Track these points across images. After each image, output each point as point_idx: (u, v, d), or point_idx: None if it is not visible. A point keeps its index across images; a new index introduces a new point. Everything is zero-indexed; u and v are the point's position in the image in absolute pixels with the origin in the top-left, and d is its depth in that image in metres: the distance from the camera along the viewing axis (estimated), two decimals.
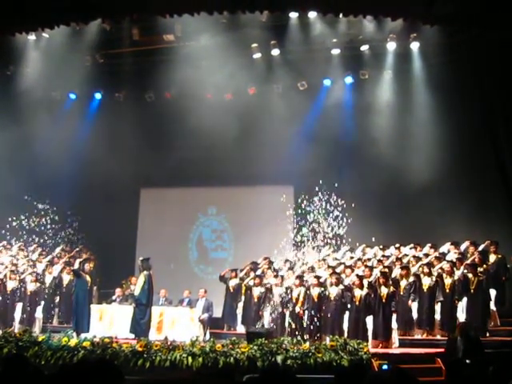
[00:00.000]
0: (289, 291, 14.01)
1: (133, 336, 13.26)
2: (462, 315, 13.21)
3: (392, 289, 13.04)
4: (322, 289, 13.57)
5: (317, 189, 15.45)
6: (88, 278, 14.54)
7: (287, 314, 13.87)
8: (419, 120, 16.17)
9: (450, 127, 15.51)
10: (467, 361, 7.81)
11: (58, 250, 17.40)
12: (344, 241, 15.51)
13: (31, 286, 15.63)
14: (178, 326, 14.45)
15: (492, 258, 14.19)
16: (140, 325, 13.47)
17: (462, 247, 14.55)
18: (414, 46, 15.91)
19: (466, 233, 14.66)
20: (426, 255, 14.42)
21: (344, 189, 15.65)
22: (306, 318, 13.66)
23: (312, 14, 14.55)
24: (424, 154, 15.52)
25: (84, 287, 14.33)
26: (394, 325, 12.99)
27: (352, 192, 15.68)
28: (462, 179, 15.57)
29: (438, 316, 13.54)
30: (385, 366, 10.02)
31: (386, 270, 13.64)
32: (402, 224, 15.87)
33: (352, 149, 16.50)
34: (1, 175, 16.38)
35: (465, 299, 13.28)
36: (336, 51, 16.31)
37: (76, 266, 14.98)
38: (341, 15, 13.25)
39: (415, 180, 15.33)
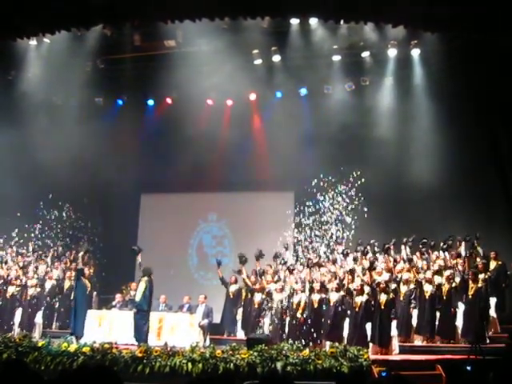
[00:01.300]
0: (287, 298, 14.01)
1: (135, 341, 13.21)
2: (460, 322, 13.21)
3: (392, 295, 13.04)
4: (323, 295, 13.57)
5: (317, 195, 15.45)
6: (87, 283, 14.54)
7: (287, 320, 13.87)
8: (420, 126, 16.18)
9: (450, 133, 15.51)
10: (468, 368, 7.79)
11: (60, 250, 17.48)
12: (345, 245, 15.50)
13: (31, 291, 15.63)
14: (178, 331, 14.41)
15: (492, 264, 14.18)
16: (143, 331, 13.42)
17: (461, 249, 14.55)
18: (415, 52, 15.93)
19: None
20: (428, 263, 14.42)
21: (345, 194, 15.63)
22: (306, 323, 13.68)
23: (313, 21, 14.57)
24: (425, 160, 15.52)
25: (83, 290, 14.34)
26: (395, 331, 12.98)
27: (353, 198, 15.66)
28: (463, 185, 15.57)
29: (438, 322, 13.50)
30: (384, 373, 10.00)
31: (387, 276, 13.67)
32: (404, 229, 15.82)
33: (353, 155, 16.49)
34: (1, 178, 16.40)
35: (463, 306, 13.27)
36: (337, 57, 16.32)
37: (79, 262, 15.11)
38: (342, 22, 13.26)
39: (416, 185, 15.35)
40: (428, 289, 13.52)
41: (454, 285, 13.38)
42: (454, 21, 10.98)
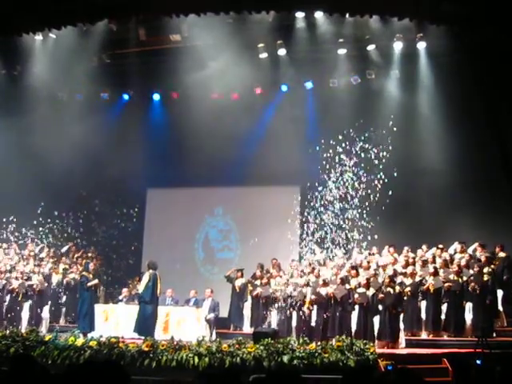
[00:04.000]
0: (295, 292, 14.03)
1: (136, 335, 13.25)
2: (468, 316, 13.19)
3: (398, 289, 13.03)
4: (329, 289, 13.58)
5: (323, 189, 15.42)
6: (91, 277, 14.54)
7: (294, 314, 13.91)
8: (426, 120, 16.12)
9: (457, 128, 15.45)
10: (478, 362, 7.77)
11: (65, 248, 17.53)
12: (352, 241, 15.49)
13: (39, 284, 15.67)
14: (185, 325, 14.46)
15: (498, 258, 14.16)
16: (147, 324, 13.46)
17: (470, 249, 14.50)
18: (421, 45, 15.85)
19: (473, 234, 14.60)
20: (434, 257, 14.41)
21: (351, 189, 15.60)
22: (313, 318, 13.73)
23: (318, 14, 14.51)
24: (432, 153, 15.48)
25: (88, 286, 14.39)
26: (401, 325, 12.97)
27: (360, 193, 15.63)
28: (470, 180, 15.47)
29: (444, 317, 13.46)
30: (390, 367, 10.01)
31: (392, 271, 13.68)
32: (410, 225, 15.78)
33: (358, 149, 16.43)
34: (8, 175, 16.45)
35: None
36: (342, 51, 16.27)
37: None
38: (347, 15, 13.22)
39: (423, 184, 15.32)
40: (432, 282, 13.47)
41: (464, 278, 13.33)
42: (461, 14, 10.95)
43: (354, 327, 13.15)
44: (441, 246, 14.81)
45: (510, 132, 15.42)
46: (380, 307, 12.99)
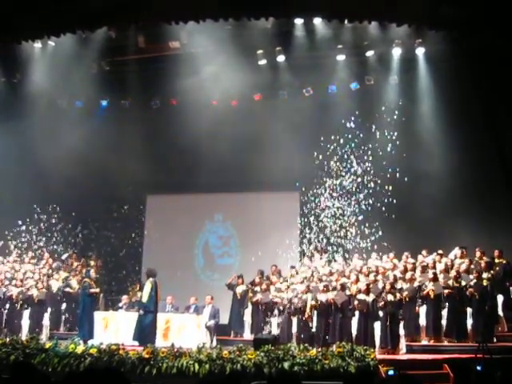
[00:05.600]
0: (296, 298, 14.00)
1: (135, 343, 13.23)
2: (469, 321, 13.17)
3: (398, 296, 13.01)
4: (330, 295, 13.56)
5: (322, 195, 15.43)
6: (94, 285, 14.53)
7: (294, 320, 13.88)
8: (425, 125, 16.12)
9: (456, 133, 15.46)
10: (478, 368, 7.75)
11: (65, 256, 17.51)
12: (351, 247, 15.50)
13: (38, 294, 15.63)
14: (185, 332, 14.42)
15: (497, 263, 14.15)
16: (147, 332, 13.44)
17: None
18: (420, 51, 15.89)
19: (473, 238, 14.59)
20: (434, 263, 14.39)
21: (350, 195, 15.61)
22: (313, 324, 13.71)
23: (317, 20, 14.55)
24: (431, 158, 15.49)
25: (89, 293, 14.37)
26: (401, 331, 12.95)
27: (359, 198, 15.64)
28: (469, 182, 15.48)
29: (444, 322, 13.44)
30: (391, 372, 9.99)
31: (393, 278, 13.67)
32: (410, 230, 15.77)
33: (358, 155, 16.46)
34: (7, 182, 16.46)
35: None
36: (341, 57, 16.32)
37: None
38: (346, 21, 13.24)
39: (421, 185, 15.31)
40: (433, 288, 13.45)
41: (463, 284, 13.31)
42: (460, 19, 10.97)
43: (354, 333, 13.13)
44: (440, 251, 14.79)
45: (507, 135, 15.44)
46: (380, 313, 12.98)
